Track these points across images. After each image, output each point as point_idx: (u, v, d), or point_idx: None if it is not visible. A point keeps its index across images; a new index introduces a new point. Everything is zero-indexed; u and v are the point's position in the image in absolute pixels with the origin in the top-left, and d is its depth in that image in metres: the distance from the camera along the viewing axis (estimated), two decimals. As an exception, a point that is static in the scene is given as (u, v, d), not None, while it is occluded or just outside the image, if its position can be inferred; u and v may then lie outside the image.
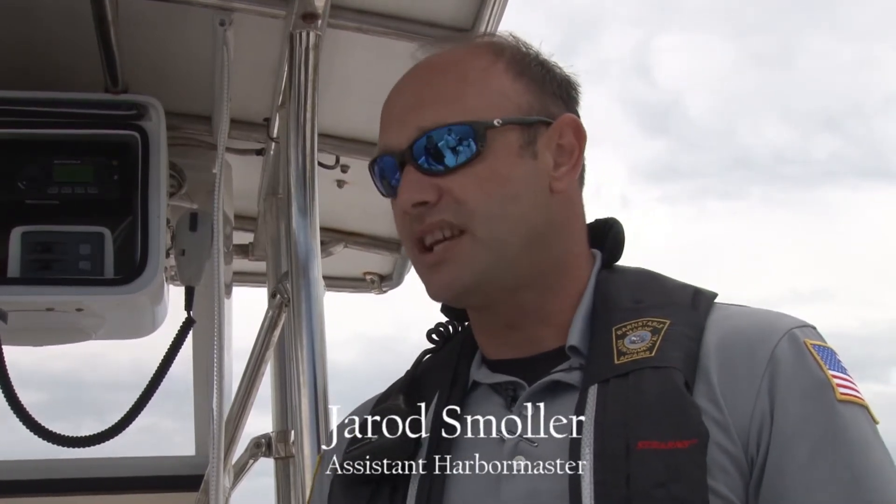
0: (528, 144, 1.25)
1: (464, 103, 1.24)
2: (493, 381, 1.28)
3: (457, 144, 1.22)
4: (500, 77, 1.27)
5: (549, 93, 1.30)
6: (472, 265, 1.23)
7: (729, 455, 1.14)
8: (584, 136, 1.30)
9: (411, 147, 1.24)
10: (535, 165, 1.25)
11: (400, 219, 1.27)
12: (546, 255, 1.26)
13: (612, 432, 1.13)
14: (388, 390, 1.38)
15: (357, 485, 1.26)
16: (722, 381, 1.17)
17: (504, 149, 1.24)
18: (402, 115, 1.27)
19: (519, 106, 1.26)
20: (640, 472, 1.10)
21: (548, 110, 1.28)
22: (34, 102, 2.44)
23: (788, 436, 1.15)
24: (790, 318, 1.24)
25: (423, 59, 1.32)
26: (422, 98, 1.26)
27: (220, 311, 2.35)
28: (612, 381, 1.17)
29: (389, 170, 1.28)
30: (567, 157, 1.28)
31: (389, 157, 1.27)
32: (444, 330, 1.42)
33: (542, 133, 1.26)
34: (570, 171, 1.28)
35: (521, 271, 1.25)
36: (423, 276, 1.28)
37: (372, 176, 1.32)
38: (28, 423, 2.40)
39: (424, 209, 1.23)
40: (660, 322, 1.21)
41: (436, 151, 1.23)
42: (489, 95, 1.25)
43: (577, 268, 1.30)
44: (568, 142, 1.28)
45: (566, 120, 1.29)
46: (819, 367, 1.19)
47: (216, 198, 2.31)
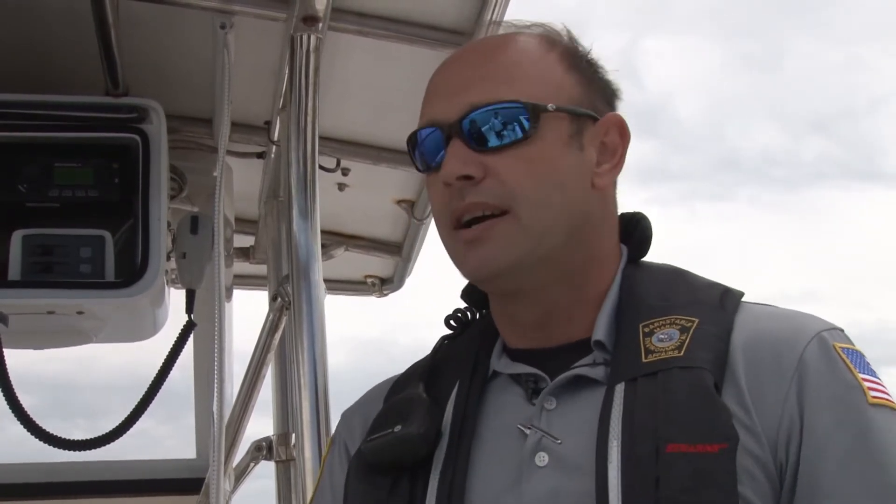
0: (576, 135, 1.24)
1: (517, 84, 1.23)
2: (513, 371, 1.26)
3: (508, 123, 1.21)
4: (554, 66, 1.26)
5: (597, 90, 1.29)
6: (511, 248, 1.21)
7: (757, 460, 1.12)
8: (629, 136, 1.29)
9: (460, 121, 1.22)
10: (581, 157, 1.24)
11: (439, 193, 1.24)
12: (581, 250, 1.25)
13: (640, 434, 1.11)
14: (407, 376, 1.36)
15: (376, 474, 1.24)
16: (750, 385, 1.15)
17: (554, 135, 1.22)
18: (451, 90, 1.25)
19: (570, 97, 1.25)
20: (668, 476, 1.08)
21: (595, 106, 1.27)
22: (35, 105, 2.44)
23: (820, 441, 1.13)
24: (818, 321, 1.22)
25: (473, 41, 1.31)
26: (475, 74, 1.25)
27: (221, 314, 2.35)
28: (639, 380, 1.16)
29: (434, 142, 1.25)
30: (610, 156, 1.27)
31: (435, 130, 1.24)
32: (462, 316, 1.39)
33: (589, 128, 1.26)
34: (612, 170, 1.28)
35: (557, 264, 1.23)
36: (457, 253, 1.25)
37: (409, 148, 1.29)
38: (29, 426, 2.40)
39: (467, 185, 1.21)
40: (688, 321, 1.19)
41: (486, 128, 1.21)
42: (542, 81, 1.24)
43: (607, 264, 1.29)
44: (612, 140, 1.27)
45: (613, 118, 1.28)
46: (849, 370, 1.17)
47: (217, 201, 2.31)
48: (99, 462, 3.07)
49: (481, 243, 1.21)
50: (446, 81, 1.27)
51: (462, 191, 1.21)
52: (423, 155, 1.27)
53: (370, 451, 1.25)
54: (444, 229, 1.26)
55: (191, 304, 2.53)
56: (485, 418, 1.25)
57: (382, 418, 1.28)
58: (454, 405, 1.26)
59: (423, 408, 1.25)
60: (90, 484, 3.15)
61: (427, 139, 1.26)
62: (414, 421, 1.23)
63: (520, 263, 1.21)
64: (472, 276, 1.27)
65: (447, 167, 1.21)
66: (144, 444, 2.46)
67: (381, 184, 3.04)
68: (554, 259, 1.23)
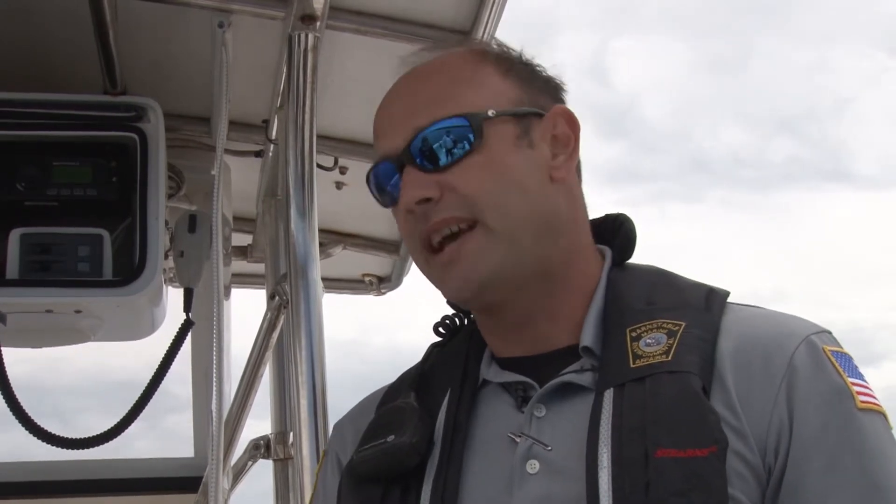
0: (524, 135, 1.25)
1: (457, 101, 1.25)
2: (502, 379, 1.27)
3: (454, 139, 1.22)
4: (490, 76, 1.28)
5: (537, 88, 1.31)
6: (486, 259, 1.22)
7: (746, 462, 1.13)
8: (578, 125, 1.30)
9: (408, 147, 1.24)
10: (533, 155, 1.26)
11: (404, 221, 1.26)
12: (555, 246, 1.25)
13: (630, 439, 1.12)
14: (397, 385, 1.36)
15: (367, 485, 1.25)
16: (738, 387, 1.16)
17: (500, 140, 1.24)
18: (395, 120, 1.27)
19: (510, 100, 1.27)
20: (659, 481, 1.08)
21: (538, 103, 1.29)
22: (33, 104, 2.44)
23: (808, 444, 1.14)
24: (807, 324, 1.23)
25: (410, 69, 1.32)
26: (415, 101, 1.27)
27: (219, 313, 2.35)
28: (627, 385, 1.16)
29: (387, 175, 1.27)
30: (563, 147, 1.28)
31: (387, 163, 1.27)
32: (450, 323, 1.40)
33: (536, 125, 1.27)
34: (568, 161, 1.28)
35: (533, 264, 1.24)
36: (436, 278, 1.27)
37: (369, 187, 1.31)
38: (27, 424, 2.40)
39: (428, 206, 1.23)
40: (675, 324, 1.20)
41: (434, 148, 1.23)
42: (480, 92, 1.26)
43: (585, 262, 1.29)
44: (562, 132, 1.29)
45: (558, 111, 1.29)
46: (838, 374, 1.18)
47: (215, 199, 2.31)
48: (97, 461, 3.07)
49: (456, 263, 1.23)
50: (389, 115, 1.29)
51: (425, 214, 1.23)
52: (381, 190, 1.29)
53: (362, 462, 1.26)
54: (418, 257, 1.28)
55: (189, 302, 2.53)
56: (476, 427, 1.25)
57: (374, 428, 1.28)
58: (445, 414, 1.26)
59: (414, 417, 1.26)
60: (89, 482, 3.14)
61: (381, 174, 1.28)
62: (406, 431, 1.24)
63: (499, 271, 1.22)
64: (456, 296, 1.28)
65: (405, 195, 1.23)
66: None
67: (379, 182, 3.04)
68: (529, 257, 1.23)
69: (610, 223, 1.34)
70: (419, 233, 1.25)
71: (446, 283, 1.26)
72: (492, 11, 2.32)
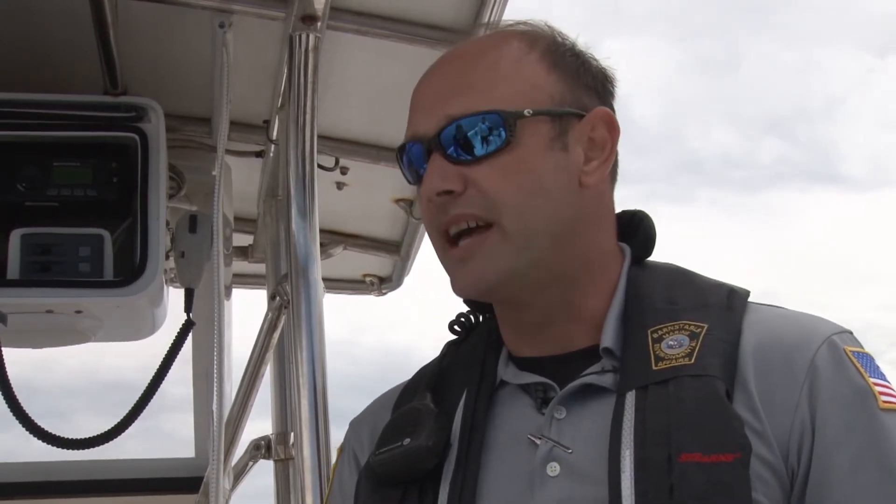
0: (559, 137, 1.23)
1: (495, 93, 1.22)
2: (522, 381, 1.25)
3: (486, 134, 1.20)
4: (534, 67, 1.25)
5: (583, 85, 1.27)
6: (499, 262, 1.20)
7: (769, 465, 1.12)
8: (618, 130, 1.27)
9: (439, 134, 1.22)
10: (565, 158, 1.23)
11: (424, 207, 1.25)
12: (575, 251, 1.24)
13: (653, 442, 1.11)
14: (413, 384, 1.34)
15: (385, 487, 1.23)
16: (760, 390, 1.15)
17: (533, 140, 1.21)
18: (431, 103, 1.25)
19: (552, 97, 1.24)
20: (682, 485, 1.08)
21: (580, 102, 1.25)
22: (33, 104, 2.44)
23: (831, 446, 1.13)
24: (828, 324, 1.22)
25: (455, 46, 1.30)
26: (452, 86, 1.24)
27: (220, 313, 2.35)
28: (650, 388, 1.15)
29: (417, 157, 1.25)
30: (598, 152, 1.25)
31: (417, 144, 1.25)
32: (465, 321, 1.38)
33: (574, 126, 1.24)
34: (602, 166, 1.26)
35: (550, 268, 1.22)
36: (449, 271, 1.26)
37: (399, 163, 1.29)
38: (28, 424, 2.41)
39: (449, 199, 1.21)
40: (697, 326, 1.19)
41: (464, 140, 1.21)
42: (521, 85, 1.23)
43: (606, 263, 1.27)
44: (600, 135, 1.26)
45: (599, 113, 1.26)
46: (860, 374, 1.17)
47: (216, 200, 2.31)
48: (97, 461, 3.07)
49: (469, 261, 1.22)
50: (426, 94, 1.27)
51: (445, 205, 1.22)
52: (410, 169, 1.28)
53: (379, 465, 1.25)
54: (436, 244, 1.27)
55: (189, 302, 2.53)
56: (494, 428, 1.24)
57: (391, 430, 1.27)
58: (462, 415, 1.25)
59: (430, 419, 1.24)
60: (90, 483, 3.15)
61: (411, 153, 1.27)
62: (422, 433, 1.23)
63: (510, 274, 1.21)
64: (463, 294, 1.27)
65: (427, 183, 1.22)
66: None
67: (379, 183, 3.04)
68: (546, 261, 1.22)
69: (627, 220, 1.32)
70: (438, 223, 1.24)
71: (456, 279, 1.24)
72: (493, 12, 2.32)
